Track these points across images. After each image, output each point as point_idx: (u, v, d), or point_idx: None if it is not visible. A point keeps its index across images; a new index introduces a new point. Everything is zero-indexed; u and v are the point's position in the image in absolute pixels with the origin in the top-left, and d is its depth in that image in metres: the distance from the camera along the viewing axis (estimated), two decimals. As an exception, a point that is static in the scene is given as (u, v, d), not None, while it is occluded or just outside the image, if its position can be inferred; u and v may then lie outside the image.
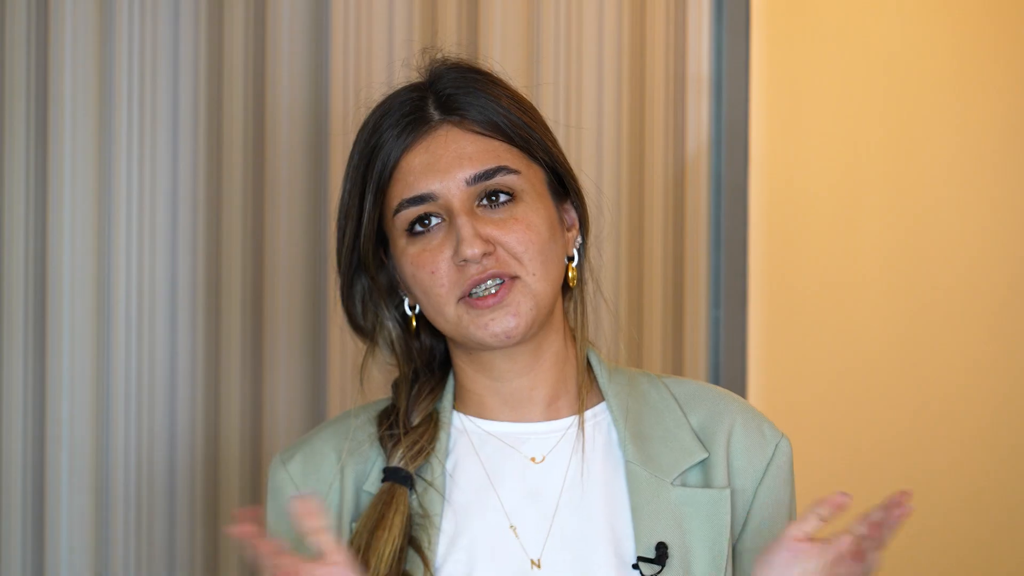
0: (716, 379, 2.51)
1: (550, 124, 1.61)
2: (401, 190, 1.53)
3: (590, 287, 1.62)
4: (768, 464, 1.59)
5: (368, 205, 1.55)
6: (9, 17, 1.98)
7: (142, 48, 2.04)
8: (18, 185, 1.98)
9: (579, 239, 1.60)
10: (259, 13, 2.10)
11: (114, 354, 2.02)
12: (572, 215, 1.60)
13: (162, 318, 2.04)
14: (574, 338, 1.62)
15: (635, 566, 1.51)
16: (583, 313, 1.61)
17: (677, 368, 2.47)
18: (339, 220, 1.58)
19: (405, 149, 1.54)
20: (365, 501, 1.55)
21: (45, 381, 1.99)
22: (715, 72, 2.49)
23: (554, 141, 1.59)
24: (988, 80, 2.92)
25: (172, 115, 2.05)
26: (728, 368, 2.52)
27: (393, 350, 1.62)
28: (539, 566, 1.52)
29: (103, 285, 2.02)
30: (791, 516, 1.61)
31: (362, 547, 1.50)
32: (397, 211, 1.53)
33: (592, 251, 1.63)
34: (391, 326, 1.61)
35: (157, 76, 2.04)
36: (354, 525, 1.53)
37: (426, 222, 1.53)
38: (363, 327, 1.62)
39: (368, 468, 1.57)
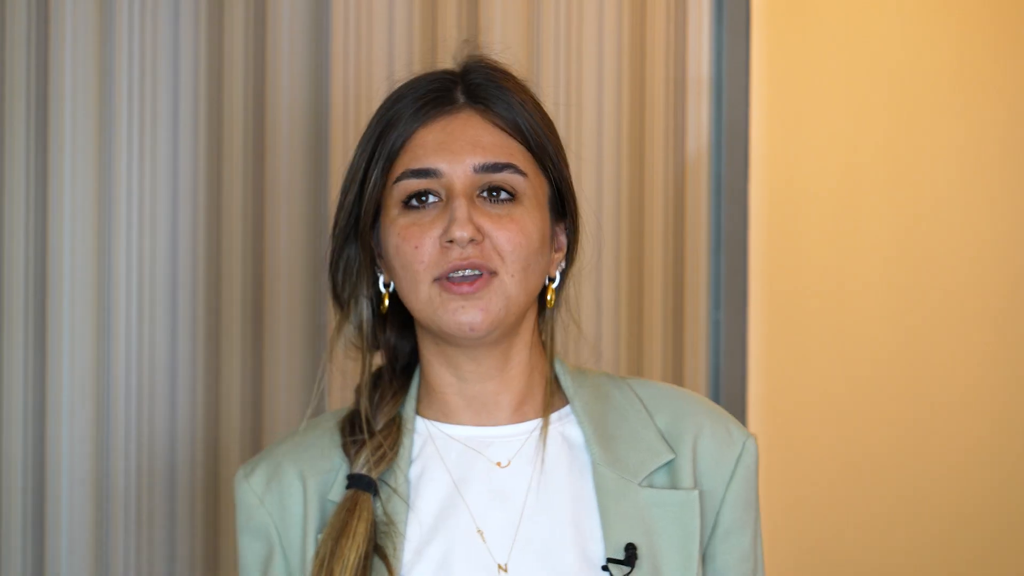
0: (716, 381, 2.51)
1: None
2: (408, 160, 1.53)
3: (563, 314, 1.63)
4: (736, 464, 1.59)
5: (376, 171, 1.54)
6: (9, 17, 1.98)
7: (142, 48, 2.04)
8: (18, 185, 1.98)
9: (562, 264, 1.60)
10: (259, 13, 2.10)
11: (114, 354, 2.02)
12: (562, 239, 1.60)
13: (162, 318, 2.04)
14: (543, 353, 1.61)
15: (605, 567, 1.51)
16: (552, 336, 1.61)
17: (678, 370, 2.47)
18: (344, 184, 1.57)
19: (423, 123, 1.54)
20: (330, 510, 1.54)
21: (45, 381, 1.99)
22: (715, 74, 2.49)
23: (566, 162, 1.59)
24: (989, 80, 2.92)
25: (172, 115, 2.05)
26: (728, 370, 2.52)
27: (361, 330, 1.60)
28: (506, 570, 1.52)
29: (103, 285, 2.02)
30: (756, 517, 1.60)
31: (326, 556, 1.50)
32: (399, 179, 1.53)
33: (571, 282, 1.63)
34: (365, 304, 1.60)
35: (157, 76, 2.04)
36: (320, 537, 1.53)
37: (423, 198, 1.52)
38: (342, 298, 1.61)
39: (332, 477, 1.56)
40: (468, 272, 1.50)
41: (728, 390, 2.51)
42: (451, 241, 1.49)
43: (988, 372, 2.93)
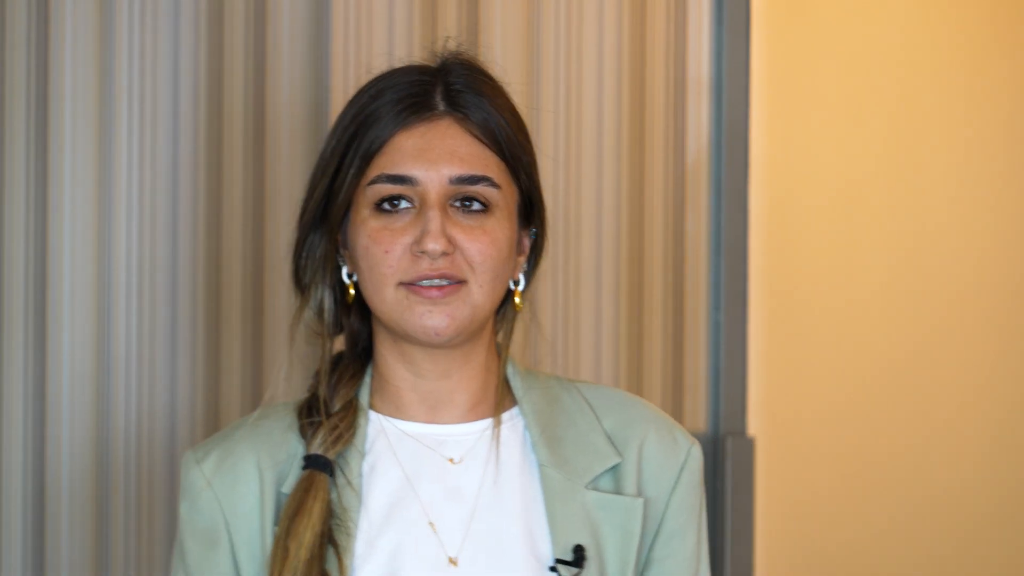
0: (716, 382, 2.51)
1: (549, 126, 1.62)
2: (384, 164, 1.53)
3: (526, 315, 1.64)
4: (681, 471, 1.60)
5: (352, 170, 1.54)
6: (9, 17, 1.98)
7: (142, 48, 2.04)
8: (18, 185, 1.98)
9: (524, 266, 1.61)
10: (259, 13, 2.10)
11: (114, 354, 2.02)
12: (525, 243, 1.61)
13: (162, 318, 2.04)
14: (498, 353, 1.62)
15: (553, 568, 1.52)
16: (509, 334, 1.62)
17: (678, 371, 2.47)
18: (314, 174, 1.58)
19: (402, 127, 1.54)
20: (284, 503, 1.54)
21: (45, 381, 1.99)
22: (715, 75, 2.49)
23: (537, 169, 1.60)
24: (991, 80, 2.92)
25: (172, 115, 2.05)
26: (728, 371, 2.52)
27: (320, 316, 1.60)
28: (456, 564, 1.52)
29: (103, 285, 2.02)
30: (700, 523, 1.62)
31: (282, 535, 1.50)
32: (373, 182, 1.53)
33: (535, 281, 1.64)
34: (325, 292, 1.60)
35: (157, 76, 2.04)
36: (276, 530, 1.52)
37: (396, 203, 1.53)
38: (303, 283, 1.61)
39: (287, 468, 1.56)
40: (438, 279, 1.51)
41: (728, 392, 2.51)
42: (423, 252, 1.50)
43: (991, 377, 2.93)
